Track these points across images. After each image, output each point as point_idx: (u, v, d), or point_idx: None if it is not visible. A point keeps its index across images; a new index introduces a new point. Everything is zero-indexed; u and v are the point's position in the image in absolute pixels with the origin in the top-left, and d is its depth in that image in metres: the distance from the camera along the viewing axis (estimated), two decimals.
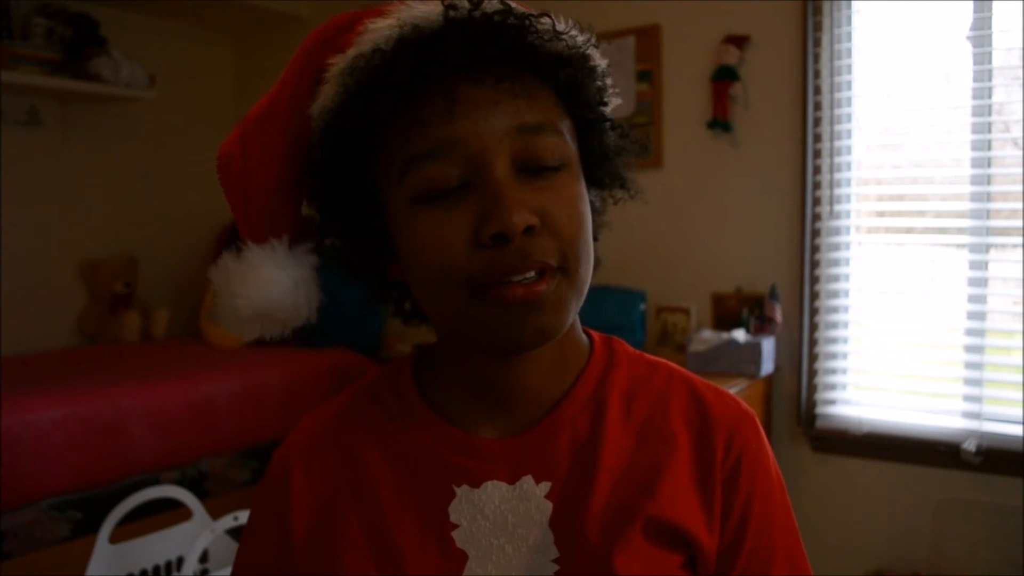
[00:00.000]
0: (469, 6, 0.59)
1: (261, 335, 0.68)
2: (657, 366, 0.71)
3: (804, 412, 2.44)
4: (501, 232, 0.56)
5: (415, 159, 0.58)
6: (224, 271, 0.67)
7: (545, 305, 0.58)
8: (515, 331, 0.59)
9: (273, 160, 0.65)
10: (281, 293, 0.66)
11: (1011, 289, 2.19)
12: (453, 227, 0.58)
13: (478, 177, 0.58)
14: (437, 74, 0.57)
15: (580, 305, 0.63)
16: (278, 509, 0.68)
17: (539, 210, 0.58)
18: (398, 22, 0.60)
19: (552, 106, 0.61)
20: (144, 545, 1.57)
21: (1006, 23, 2.14)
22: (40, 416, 2.06)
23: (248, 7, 3.27)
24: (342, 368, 2.83)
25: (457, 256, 0.57)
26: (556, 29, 0.61)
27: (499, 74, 0.58)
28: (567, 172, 0.61)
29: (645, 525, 0.62)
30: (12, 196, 2.87)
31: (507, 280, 0.57)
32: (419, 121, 0.58)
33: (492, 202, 0.56)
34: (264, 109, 0.67)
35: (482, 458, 0.65)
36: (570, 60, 0.62)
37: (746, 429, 0.68)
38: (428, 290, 0.62)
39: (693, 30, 2.56)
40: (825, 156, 2.38)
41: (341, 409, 0.72)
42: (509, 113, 0.58)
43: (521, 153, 0.59)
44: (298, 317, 0.68)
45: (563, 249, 0.59)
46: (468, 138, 0.57)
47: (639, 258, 2.60)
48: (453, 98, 0.57)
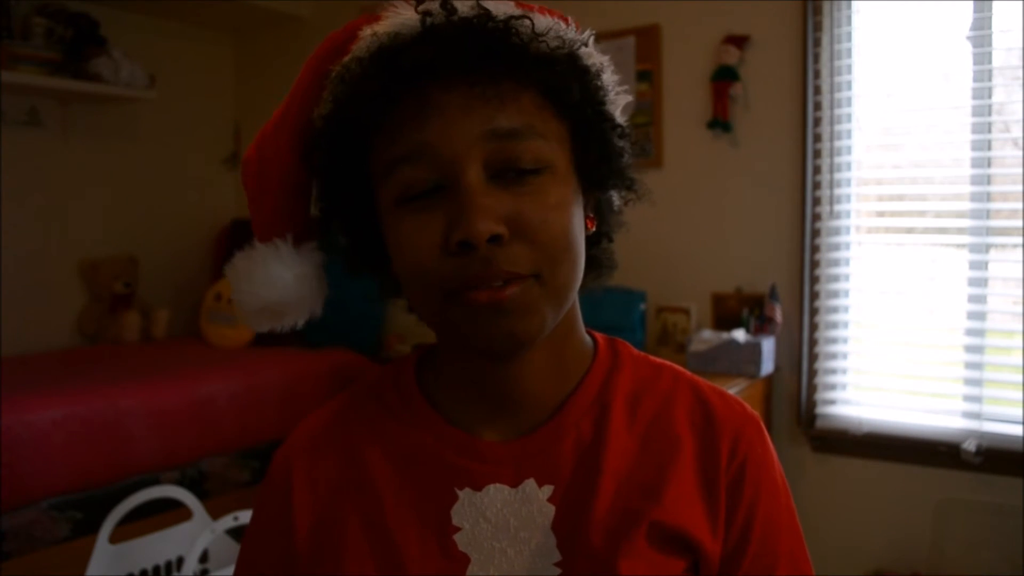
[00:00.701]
0: (444, 11, 0.59)
1: (272, 328, 0.72)
2: (662, 369, 0.71)
3: (804, 412, 2.44)
4: (466, 240, 0.56)
5: (394, 162, 0.60)
6: (234, 269, 0.71)
7: (512, 310, 0.58)
8: (484, 335, 0.59)
9: (282, 163, 0.68)
10: (283, 289, 0.69)
11: (1011, 289, 2.19)
12: (427, 232, 0.59)
13: (453, 184, 0.58)
14: (410, 80, 0.58)
15: (561, 310, 0.63)
16: (280, 509, 0.68)
17: (513, 216, 0.58)
18: (375, 31, 0.61)
19: (534, 109, 0.60)
20: (144, 545, 1.57)
21: (1006, 23, 2.14)
22: (40, 416, 2.06)
23: (248, 7, 3.27)
24: (342, 368, 2.83)
25: (429, 261, 0.58)
26: (536, 31, 0.60)
27: (472, 79, 0.58)
28: (548, 176, 0.60)
29: (649, 529, 0.62)
30: (12, 196, 2.87)
31: (473, 286, 0.58)
32: (397, 126, 0.59)
33: (459, 210, 0.57)
34: (280, 114, 0.69)
35: (485, 460, 0.65)
36: (553, 61, 0.61)
37: (751, 433, 0.67)
38: (409, 290, 0.63)
39: (693, 30, 2.56)
40: (825, 156, 2.38)
41: (343, 409, 0.72)
42: (481, 118, 0.58)
43: (496, 157, 0.58)
44: (303, 311, 0.71)
45: (537, 256, 0.58)
46: (438, 144, 0.58)
47: (639, 258, 2.59)
48: (424, 104, 0.58)
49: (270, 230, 0.70)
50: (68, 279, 3.11)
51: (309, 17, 3.42)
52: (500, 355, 0.62)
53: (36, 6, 2.81)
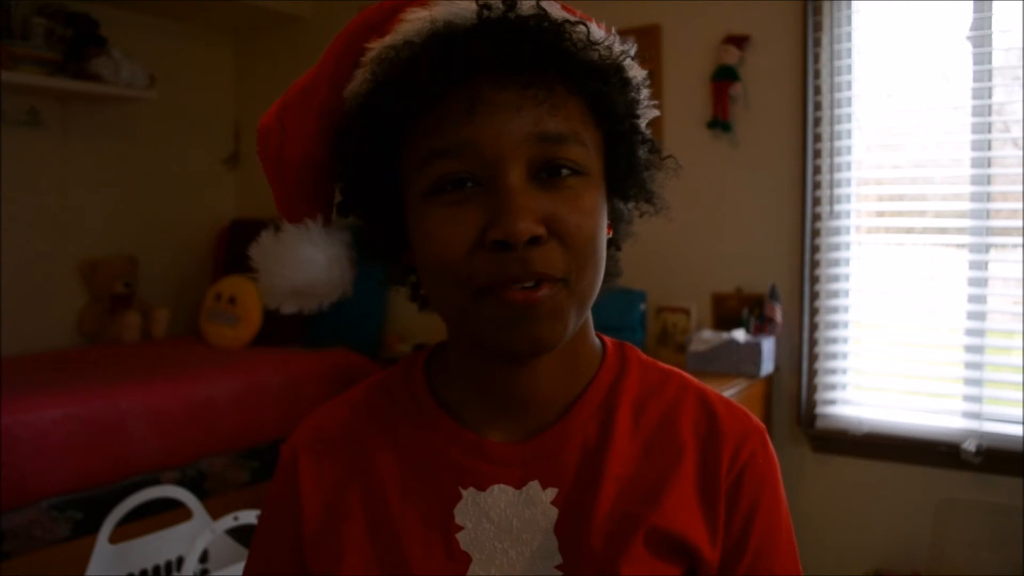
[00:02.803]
0: (504, 7, 0.58)
1: (299, 309, 0.70)
2: (670, 375, 0.71)
3: (804, 412, 2.44)
4: (504, 240, 0.56)
5: (432, 155, 0.58)
6: (263, 250, 0.69)
7: (542, 314, 0.58)
8: (511, 338, 0.59)
9: (309, 136, 0.66)
10: (316, 271, 0.67)
11: (1011, 289, 2.19)
12: (461, 226, 0.58)
13: (491, 181, 0.57)
14: (462, 73, 0.57)
15: (582, 315, 0.63)
16: (289, 502, 0.68)
17: (550, 217, 0.58)
18: (432, 16, 0.59)
19: (578, 115, 0.60)
20: (144, 545, 1.57)
21: (1006, 23, 2.14)
22: (40, 416, 2.06)
23: (248, 7, 3.27)
24: (342, 368, 2.83)
25: (461, 256, 0.58)
26: (591, 39, 0.60)
27: (526, 79, 0.57)
28: (585, 181, 0.60)
29: (648, 535, 0.62)
30: (12, 196, 2.87)
31: (507, 285, 0.57)
32: (440, 119, 0.58)
33: (500, 208, 0.56)
34: (305, 85, 0.67)
35: (491, 461, 0.65)
36: (603, 70, 0.61)
37: (754, 443, 0.67)
38: (433, 284, 0.62)
39: (693, 30, 2.56)
40: (825, 156, 2.38)
41: (352, 404, 0.72)
42: (530, 120, 0.57)
43: (538, 159, 0.58)
44: (333, 293, 0.70)
45: (568, 259, 0.58)
46: (484, 142, 0.57)
47: (639, 258, 2.58)
48: (474, 100, 0.57)
49: (298, 210, 0.68)
50: (68, 279, 3.10)
51: (309, 17, 3.42)
52: (520, 357, 0.62)
53: (36, 6, 2.81)
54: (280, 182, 0.68)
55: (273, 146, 0.67)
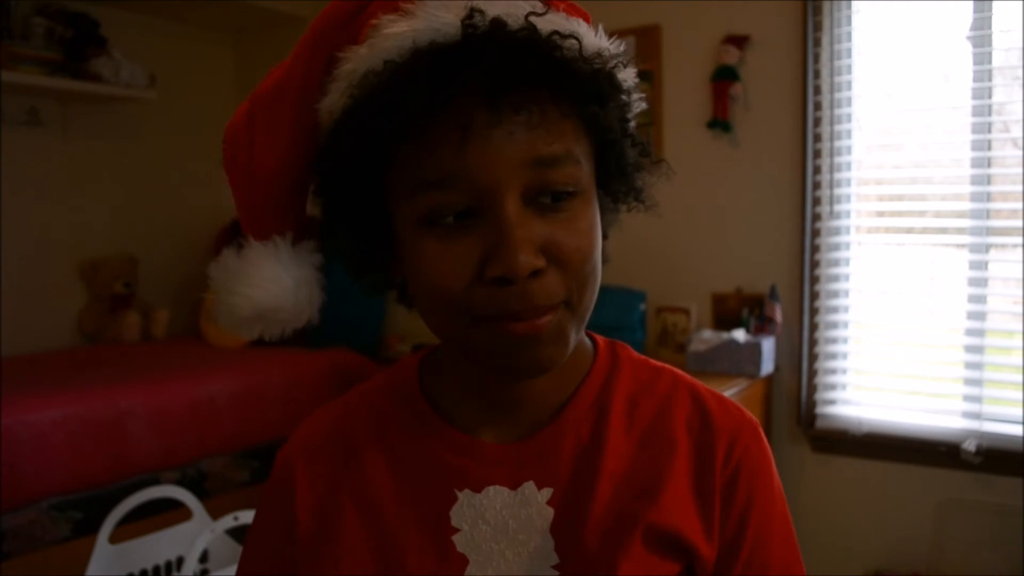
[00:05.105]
0: (489, 24, 0.54)
1: (260, 336, 0.66)
2: (661, 372, 0.71)
3: (804, 412, 2.44)
4: (504, 276, 0.54)
5: (423, 185, 0.55)
6: (224, 268, 0.65)
7: (544, 338, 0.57)
8: (513, 362, 0.58)
9: (281, 151, 0.62)
10: (282, 293, 0.64)
11: (1011, 289, 2.19)
12: (457, 258, 0.56)
13: (487, 211, 0.55)
14: (451, 97, 0.53)
15: (582, 331, 0.62)
16: (283, 509, 0.68)
17: (548, 243, 0.56)
18: (413, 32, 0.55)
19: (571, 133, 0.57)
20: (144, 545, 1.57)
21: (1006, 23, 2.14)
22: (40, 416, 2.06)
23: (248, 7, 3.27)
24: (342, 368, 2.83)
25: (459, 289, 0.56)
26: (583, 54, 0.57)
27: (517, 102, 0.54)
28: (581, 200, 0.58)
29: (645, 532, 0.62)
30: (12, 196, 2.86)
31: (509, 318, 0.56)
32: (430, 146, 0.55)
33: (498, 241, 0.54)
34: (273, 89, 0.64)
35: (485, 462, 0.65)
36: (596, 86, 0.58)
37: (747, 438, 0.67)
38: (428, 310, 0.61)
39: (693, 30, 2.56)
40: (825, 156, 2.38)
41: (346, 409, 0.72)
42: (524, 145, 0.54)
43: (533, 184, 0.56)
44: (299, 318, 0.66)
45: (568, 282, 0.57)
46: (478, 171, 0.54)
47: (639, 258, 2.59)
48: (466, 127, 0.54)
49: (265, 226, 0.64)
50: (68, 279, 3.10)
51: (309, 17, 3.40)
52: (522, 378, 0.62)
53: (36, 6, 2.81)
54: (247, 197, 0.65)
55: (241, 160, 0.64)
